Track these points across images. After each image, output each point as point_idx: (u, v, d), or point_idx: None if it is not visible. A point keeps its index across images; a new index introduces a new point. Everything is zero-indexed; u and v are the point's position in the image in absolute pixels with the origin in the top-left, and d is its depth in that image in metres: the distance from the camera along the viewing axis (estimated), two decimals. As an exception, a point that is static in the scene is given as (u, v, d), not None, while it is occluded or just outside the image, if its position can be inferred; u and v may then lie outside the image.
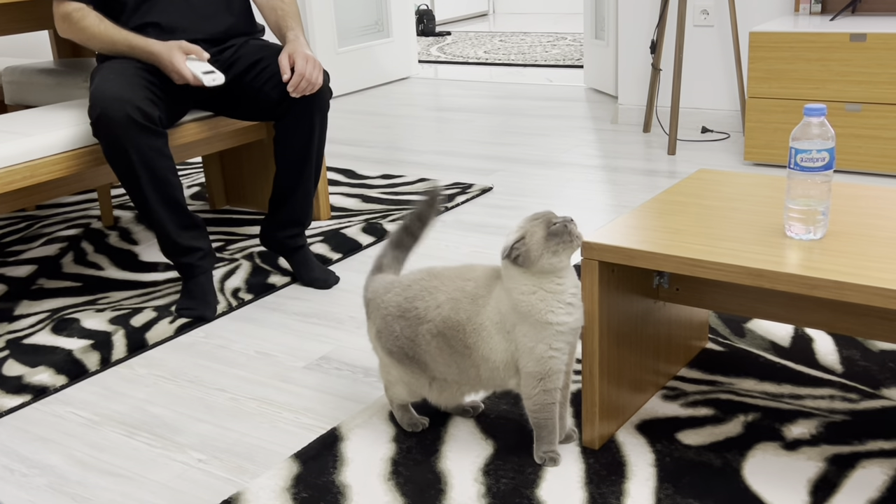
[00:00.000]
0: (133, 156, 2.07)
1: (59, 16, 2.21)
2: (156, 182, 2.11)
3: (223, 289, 2.40)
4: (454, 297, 1.55)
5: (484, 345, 1.52)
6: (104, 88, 2.06)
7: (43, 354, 2.07)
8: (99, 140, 2.09)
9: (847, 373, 1.80)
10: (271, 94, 2.25)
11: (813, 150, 1.40)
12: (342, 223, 2.86)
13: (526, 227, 1.48)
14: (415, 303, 1.58)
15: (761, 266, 1.35)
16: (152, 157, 2.09)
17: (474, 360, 1.54)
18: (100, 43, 2.20)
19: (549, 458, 1.57)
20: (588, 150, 3.62)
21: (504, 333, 1.51)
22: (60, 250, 2.75)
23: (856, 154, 3.02)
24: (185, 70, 2.13)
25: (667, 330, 1.77)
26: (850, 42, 2.93)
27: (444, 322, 1.55)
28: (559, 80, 5.13)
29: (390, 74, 5.34)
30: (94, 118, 2.06)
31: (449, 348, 1.55)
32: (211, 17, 2.33)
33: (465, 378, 1.58)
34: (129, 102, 2.04)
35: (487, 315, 1.52)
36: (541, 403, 1.53)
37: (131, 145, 2.06)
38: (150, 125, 2.07)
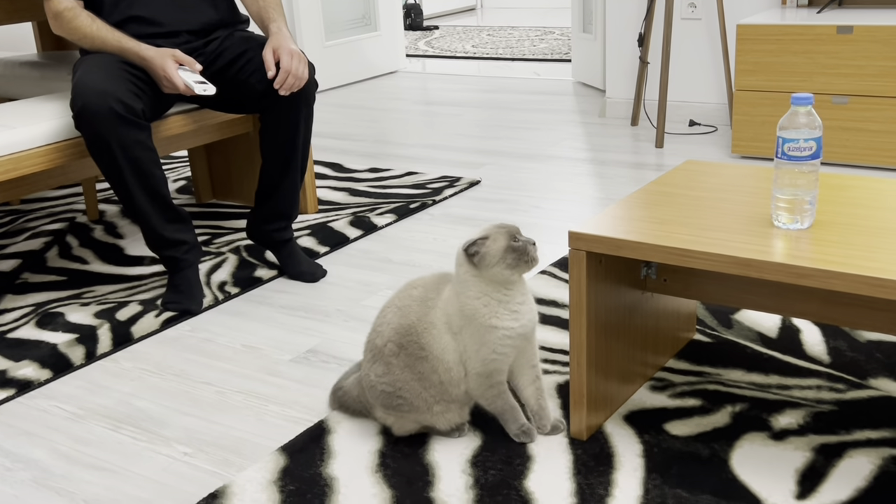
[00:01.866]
0: (115, 149, 2.05)
1: (50, 14, 2.18)
2: (139, 175, 2.10)
3: (209, 282, 2.38)
4: (402, 304, 1.58)
5: (436, 343, 1.54)
6: (86, 81, 2.04)
7: (27, 348, 2.05)
8: (81, 133, 2.07)
9: (834, 363, 1.80)
10: (257, 87, 2.24)
11: (800, 140, 1.40)
12: (329, 216, 2.84)
13: (491, 231, 1.50)
14: (374, 342, 1.60)
15: (749, 255, 1.35)
16: (135, 150, 2.07)
17: (432, 364, 1.54)
18: (91, 43, 2.17)
19: (522, 432, 1.59)
20: (576, 143, 3.62)
21: (452, 334, 1.54)
22: (45, 244, 2.73)
23: (843, 146, 3.03)
24: (178, 79, 2.11)
25: (654, 321, 1.77)
26: (836, 34, 2.94)
27: (396, 332, 1.56)
28: (547, 74, 5.12)
29: (378, 68, 5.32)
30: (76, 111, 2.04)
31: (410, 359, 1.55)
32: (193, 9, 2.31)
33: (433, 390, 1.56)
34: (112, 95, 2.02)
35: (436, 314, 1.54)
36: (490, 396, 1.57)
37: (114, 138, 2.04)
38: (133, 118, 2.05)
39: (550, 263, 2.40)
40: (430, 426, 1.62)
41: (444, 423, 1.61)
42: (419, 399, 1.57)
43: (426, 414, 1.59)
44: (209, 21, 2.33)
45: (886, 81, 2.90)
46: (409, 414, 1.59)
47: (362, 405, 1.67)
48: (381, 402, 1.60)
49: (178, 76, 2.11)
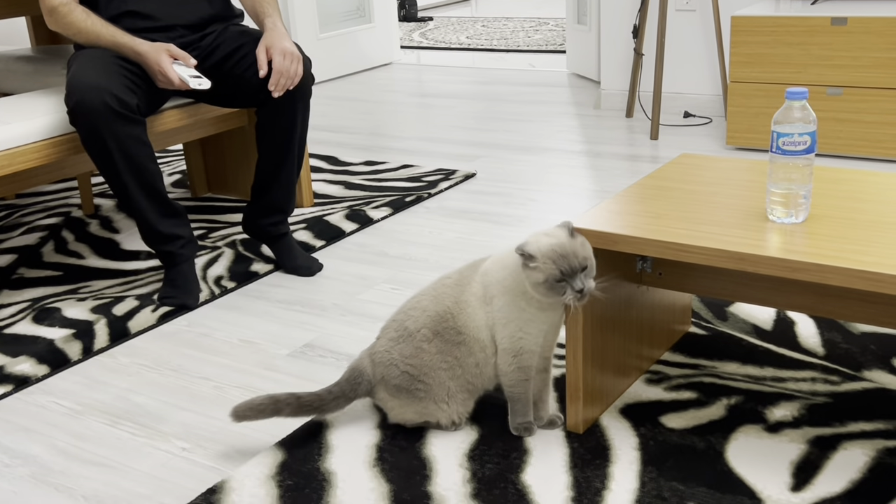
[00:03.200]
0: (111, 144, 2.05)
1: (45, 9, 2.17)
2: (134, 170, 2.10)
3: (206, 277, 2.38)
4: (437, 293, 1.60)
5: (471, 322, 1.55)
6: (81, 76, 2.04)
7: (24, 344, 2.05)
8: (76, 128, 2.06)
9: (829, 355, 1.81)
10: (252, 81, 2.23)
11: (795, 134, 1.40)
12: (325, 210, 2.85)
13: (550, 253, 1.44)
14: (405, 324, 1.60)
15: (743, 250, 1.36)
16: (130, 145, 2.07)
17: (469, 346, 1.56)
18: (86, 38, 2.17)
19: (524, 428, 1.60)
20: (571, 135, 3.62)
21: (484, 305, 1.55)
22: (41, 239, 2.73)
23: (837, 138, 3.03)
24: (172, 73, 2.11)
25: (650, 314, 1.78)
26: (831, 26, 2.94)
27: (432, 319, 1.57)
28: (542, 66, 5.12)
29: (372, 60, 5.31)
30: (70, 106, 2.04)
31: (446, 345, 1.56)
32: (188, 4, 2.30)
33: (463, 378, 1.58)
34: (106, 90, 2.02)
35: (471, 291, 1.56)
36: (515, 379, 1.57)
37: (108, 133, 2.04)
38: (128, 113, 2.05)
39: (546, 256, 2.40)
40: (431, 419, 1.62)
41: (448, 418, 1.61)
42: (441, 388, 1.58)
43: (436, 405, 1.59)
44: (204, 15, 2.33)
45: (881, 73, 2.91)
46: (418, 402, 1.59)
47: (369, 385, 1.63)
48: (396, 383, 1.59)
49: (173, 71, 2.11)
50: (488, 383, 1.62)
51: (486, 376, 1.60)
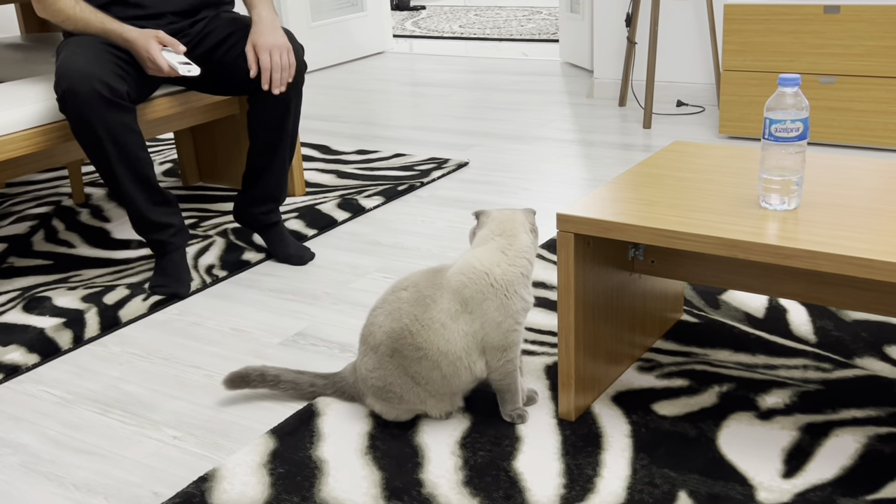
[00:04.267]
0: (100, 131, 2.03)
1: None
2: (125, 158, 2.08)
3: (197, 266, 2.37)
4: (392, 309, 1.57)
5: (437, 339, 1.53)
6: (70, 63, 2.02)
7: (14, 333, 2.04)
8: (66, 116, 2.05)
9: (820, 343, 1.81)
10: (244, 68, 2.22)
11: (787, 121, 1.40)
12: (317, 199, 2.84)
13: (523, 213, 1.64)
14: (367, 338, 1.61)
15: (736, 237, 1.36)
16: (120, 133, 2.06)
17: (432, 360, 1.54)
18: (74, 25, 2.14)
19: (517, 415, 1.61)
20: (564, 124, 3.62)
21: (464, 316, 1.53)
22: (31, 228, 2.71)
23: (829, 126, 3.03)
24: (161, 60, 2.09)
25: (642, 302, 1.77)
26: (823, 14, 2.94)
27: (388, 336, 1.56)
28: (534, 55, 5.11)
29: (365, 49, 5.29)
30: (59, 93, 2.02)
31: (405, 360, 1.55)
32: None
33: (434, 386, 1.57)
34: (96, 77, 2.00)
35: (439, 308, 1.54)
36: (504, 372, 1.58)
37: (98, 121, 2.02)
38: (118, 100, 2.04)
39: (538, 245, 2.40)
40: (421, 412, 1.62)
41: (436, 411, 1.62)
42: (411, 393, 1.58)
43: (418, 405, 1.60)
44: (194, 2, 2.31)
45: (873, 61, 2.91)
46: (399, 405, 1.60)
47: (356, 391, 1.68)
48: (371, 393, 1.61)
49: (162, 58, 2.09)
50: (465, 386, 1.60)
51: (460, 383, 1.58)
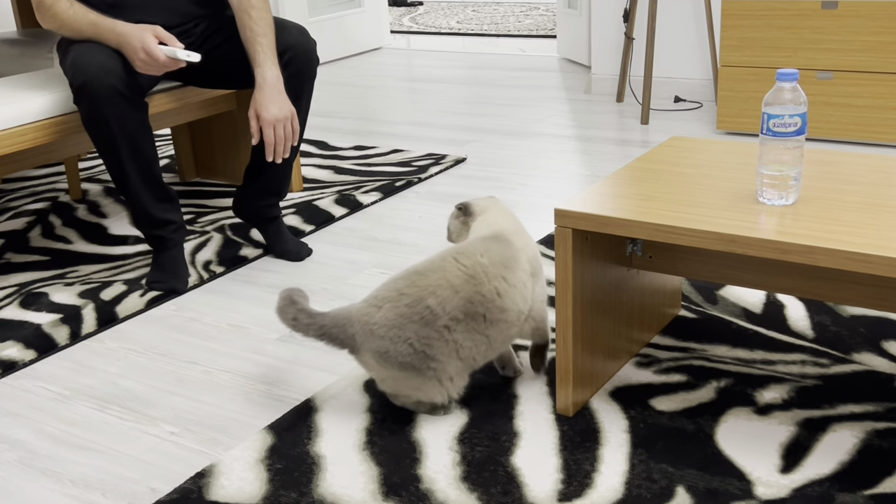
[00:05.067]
0: (114, 126, 2.03)
1: (34, 4, 2.11)
2: (135, 154, 2.08)
3: (194, 261, 2.37)
4: (473, 273, 1.57)
5: (519, 299, 1.61)
6: (88, 56, 2.00)
7: (11, 329, 2.04)
8: (79, 108, 2.04)
9: (818, 338, 1.81)
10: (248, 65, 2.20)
11: (785, 116, 1.40)
12: (315, 195, 2.83)
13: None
14: (426, 302, 1.55)
15: (733, 231, 1.36)
16: (133, 128, 2.05)
17: (510, 322, 1.61)
18: (69, 29, 2.09)
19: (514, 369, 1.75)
20: (561, 120, 3.61)
21: (532, 278, 1.65)
22: (28, 224, 2.70)
23: (827, 122, 3.03)
24: (157, 50, 2.01)
25: (640, 298, 1.77)
26: (821, 9, 2.93)
27: (467, 301, 1.55)
28: (532, 51, 5.10)
29: (362, 45, 5.29)
30: (76, 86, 2.01)
31: (479, 324, 1.57)
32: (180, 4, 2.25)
33: (493, 349, 1.62)
34: (114, 72, 1.99)
35: (522, 268, 1.62)
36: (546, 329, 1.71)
37: (113, 116, 2.02)
38: (134, 96, 2.03)
39: (536, 241, 2.40)
40: (425, 398, 1.60)
41: (444, 396, 1.59)
42: (452, 366, 1.57)
43: (438, 384, 1.58)
44: (196, 13, 2.28)
45: (871, 56, 2.91)
46: (420, 379, 1.56)
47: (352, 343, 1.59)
48: (403, 360, 1.55)
49: (158, 49, 2.02)
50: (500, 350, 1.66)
51: (506, 343, 1.65)
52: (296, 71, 2.19)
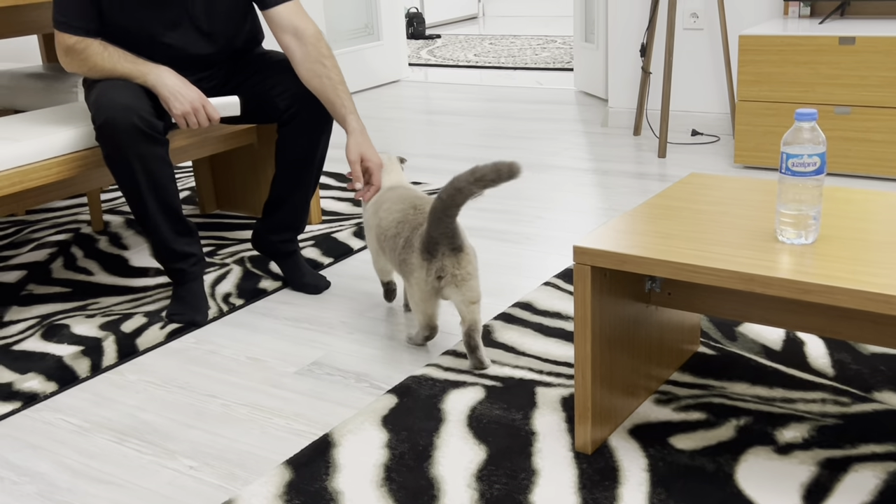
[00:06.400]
0: (135, 163, 2.06)
1: (61, 50, 2.14)
2: (156, 189, 2.11)
3: (214, 294, 2.39)
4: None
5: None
6: (111, 95, 2.04)
7: (33, 361, 2.06)
8: (101, 145, 2.07)
9: (839, 376, 1.80)
10: (278, 103, 2.24)
11: (804, 155, 1.40)
12: (333, 227, 2.85)
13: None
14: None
15: (753, 271, 1.36)
16: (154, 166, 2.08)
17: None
18: (100, 72, 2.12)
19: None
20: (578, 153, 3.63)
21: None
22: (50, 255, 2.73)
23: (845, 157, 3.03)
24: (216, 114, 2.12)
25: (659, 334, 1.77)
26: (839, 45, 2.95)
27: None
28: (549, 83, 5.14)
29: (380, 78, 5.34)
30: (98, 123, 2.04)
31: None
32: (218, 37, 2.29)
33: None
34: (136, 111, 2.03)
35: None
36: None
37: (134, 153, 2.05)
38: (155, 134, 2.06)
39: (554, 275, 2.40)
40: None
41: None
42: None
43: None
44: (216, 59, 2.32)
45: (889, 92, 2.91)
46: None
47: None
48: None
49: (217, 112, 2.13)
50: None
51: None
52: (314, 113, 2.23)
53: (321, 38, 2.21)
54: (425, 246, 1.89)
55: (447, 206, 1.84)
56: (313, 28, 2.22)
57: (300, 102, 2.21)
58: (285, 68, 2.24)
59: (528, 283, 2.38)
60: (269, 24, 2.27)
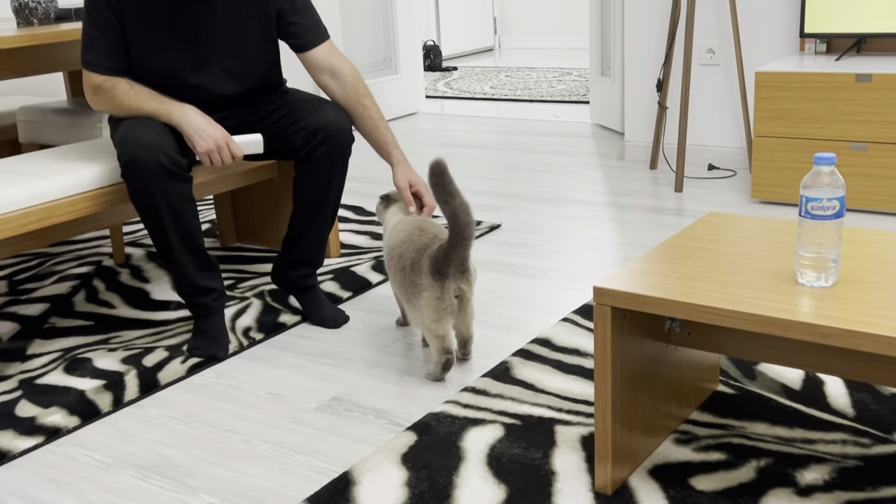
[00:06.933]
0: (159, 200, 2.09)
1: (88, 88, 2.19)
2: (179, 225, 2.14)
3: (234, 328, 2.41)
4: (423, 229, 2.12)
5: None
6: (137, 133, 2.09)
7: (56, 395, 2.08)
8: (127, 182, 2.11)
9: (859, 417, 1.80)
10: (295, 141, 2.27)
11: (823, 199, 1.41)
12: (351, 261, 2.87)
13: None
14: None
15: (773, 314, 1.36)
16: (178, 202, 2.12)
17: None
18: (127, 110, 2.17)
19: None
20: (595, 186, 3.64)
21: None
22: (72, 288, 2.77)
23: (862, 193, 3.04)
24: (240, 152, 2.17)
25: (678, 373, 1.78)
26: (855, 82, 2.96)
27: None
28: (565, 116, 5.17)
29: (398, 110, 5.39)
30: (124, 161, 2.08)
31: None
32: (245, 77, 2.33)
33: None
34: (161, 149, 2.07)
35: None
36: None
37: (159, 190, 2.08)
38: (179, 171, 2.10)
39: (572, 311, 2.41)
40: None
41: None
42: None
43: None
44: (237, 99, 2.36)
45: (906, 129, 2.92)
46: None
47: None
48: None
49: (241, 150, 2.19)
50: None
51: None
52: (329, 150, 2.26)
53: (359, 78, 2.31)
54: (437, 267, 1.94)
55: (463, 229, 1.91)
56: (350, 67, 2.30)
57: (316, 140, 2.25)
58: (303, 107, 2.28)
59: (546, 319, 2.39)
60: (306, 65, 2.33)
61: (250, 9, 2.24)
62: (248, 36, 2.26)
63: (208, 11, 2.19)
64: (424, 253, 1.99)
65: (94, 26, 2.15)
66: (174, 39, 2.19)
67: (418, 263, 1.98)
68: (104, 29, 2.15)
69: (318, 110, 2.26)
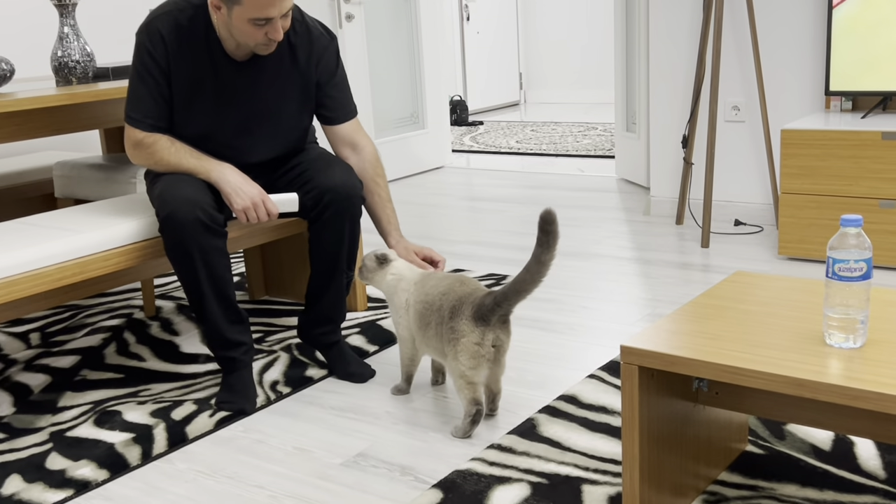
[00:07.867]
0: (195, 255, 2.14)
1: (129, 144, 2.25)
2: (213, 279, 2.18)
3: (262, 381, 2.42)
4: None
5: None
6: (175, 190, 2.14)
7: (86, 448, 2.10)
8: (164, 237, 2.16)
9: (890, 479, 1.77)
10: (306, 201, 2.31)
11: (850, 260, 1.42)
12: (378, 314, 2.89)
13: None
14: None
15: (802, 376, 1.36)
16: (213, 257, 2.16)
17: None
18: (166, 166, 2.23)
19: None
20: (621, 241, 3.65)
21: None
22: (103, 340, 2.80)
23: (890, 250, 3.02)
24: (275, 210, 2.24)
25: (706, 432, 1.77)
26: (881, 140, 2.97)
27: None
28: (591, 171, 5.20)
29: (425, 164, 5.45)
30: (163, 216, 2.13)
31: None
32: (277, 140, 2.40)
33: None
34: (199, 205, 2.12)
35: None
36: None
37: (195, 245, 2.13)
38: (215, 226, 2.15)
39: (598, 367, 2.41)
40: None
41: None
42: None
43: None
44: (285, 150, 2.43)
45: (934, 186, 2.91)
46: None
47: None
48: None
49: (277, 208, 2.25)
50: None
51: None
52: (337, 212, 2.30)
53: (378, 158, 2.42)
54: (480, 313, 1.97)
55: (535, 279, 1.97)
56: (371, 146, 2.42)
57: (324, 202, 2.28)
58: (315, 166, 2.33)
59: (573, 375, 2.39)
60: (329, 136, 2.41)
61: (293, 77, 2.30)
62: (288, 105, 2.33)
63: (253, 80, 2.26)
64: (466, 300, 2.02)
65: (142, 83, 2.22)
66: (217, 105, 2.25)
67: (459, 310, 2.01)
68: (151, 88, 2.21)
69: (328, 170, 2.30)
